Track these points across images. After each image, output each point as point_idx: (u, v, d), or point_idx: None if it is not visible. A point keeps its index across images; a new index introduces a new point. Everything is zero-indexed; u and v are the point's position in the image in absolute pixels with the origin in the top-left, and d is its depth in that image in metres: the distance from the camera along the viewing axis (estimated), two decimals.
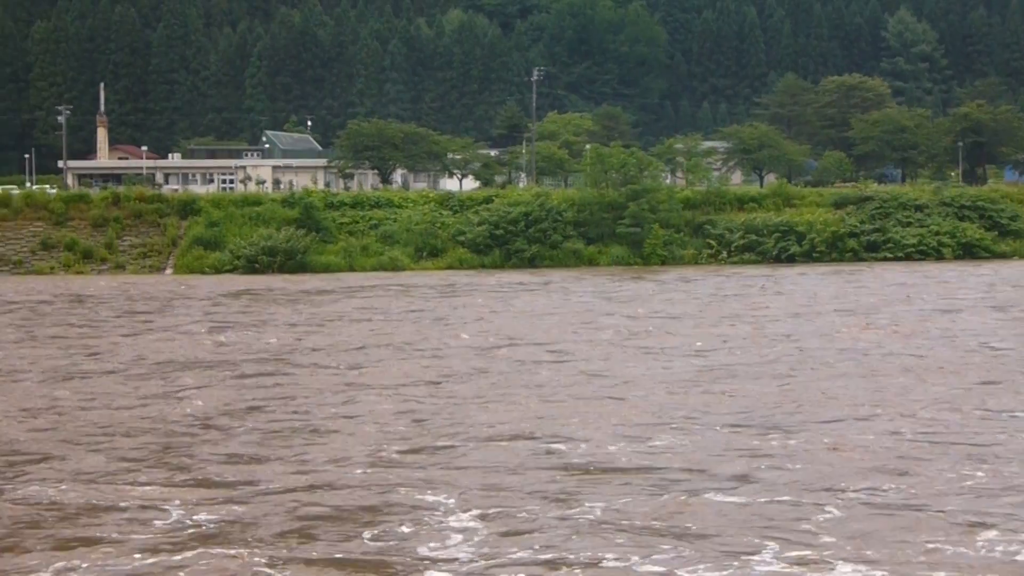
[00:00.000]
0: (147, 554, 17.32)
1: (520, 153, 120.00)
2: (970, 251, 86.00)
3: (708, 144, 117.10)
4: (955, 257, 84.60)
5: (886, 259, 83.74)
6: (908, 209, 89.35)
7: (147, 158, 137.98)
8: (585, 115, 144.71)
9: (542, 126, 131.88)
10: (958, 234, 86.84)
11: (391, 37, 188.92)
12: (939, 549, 17.34)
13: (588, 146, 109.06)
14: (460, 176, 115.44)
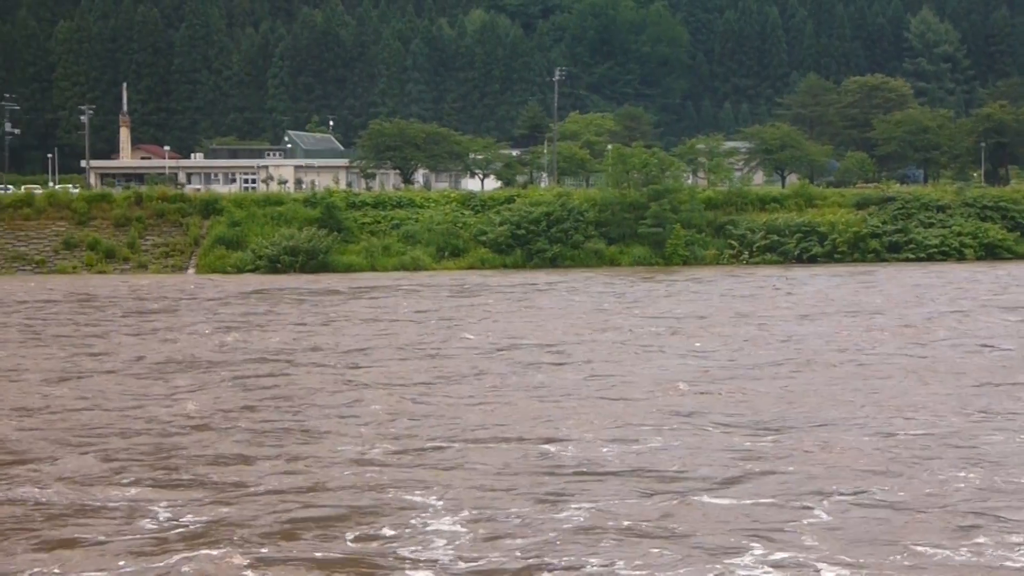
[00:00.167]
0: (131, 556, 17.27)
1: (542, 153, 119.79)
2: (992, 252, 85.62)
3: (730, 144, 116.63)
4: (977, 258, 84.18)
5: (908, 260, 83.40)
6: (930, 210, 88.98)
7: (169, 158, 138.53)
8: (607, 115, 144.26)
9: (564, 126, 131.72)
10: (980, 235, 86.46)
11: (413, 37, 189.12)
12: (925, 553, 17.15)
13: (610, 146, 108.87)
14: (482, 176, 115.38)
